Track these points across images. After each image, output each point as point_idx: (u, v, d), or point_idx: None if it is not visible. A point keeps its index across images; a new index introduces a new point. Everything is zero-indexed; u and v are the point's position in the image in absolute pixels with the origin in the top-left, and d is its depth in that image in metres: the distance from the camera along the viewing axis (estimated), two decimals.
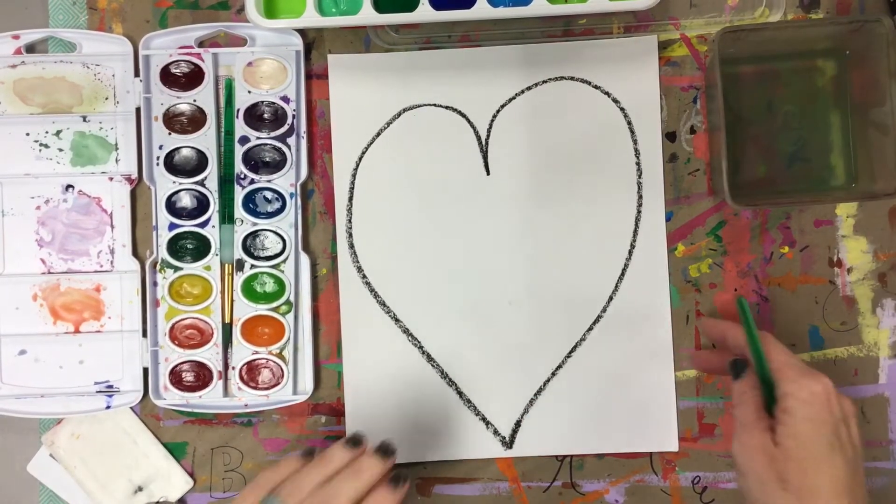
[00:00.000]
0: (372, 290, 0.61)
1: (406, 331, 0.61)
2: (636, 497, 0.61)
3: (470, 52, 0.61)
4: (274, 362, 0.61)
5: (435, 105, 0.61)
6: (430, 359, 0.61)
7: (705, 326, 0.57)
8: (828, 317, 0.61)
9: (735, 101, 0.60)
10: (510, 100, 0.61)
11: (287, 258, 0.61)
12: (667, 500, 0.61)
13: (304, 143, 0.61)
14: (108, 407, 0.61)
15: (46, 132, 0.61)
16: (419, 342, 0.61)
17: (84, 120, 0.61)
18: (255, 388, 0.61)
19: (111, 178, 0.61)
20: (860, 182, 0.59)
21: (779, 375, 0.51)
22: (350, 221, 0.61)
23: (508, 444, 0.61)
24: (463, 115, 0.61)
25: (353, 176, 0.61)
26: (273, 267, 0.61)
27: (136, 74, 0.61)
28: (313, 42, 0.62)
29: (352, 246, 0.61)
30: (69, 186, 0.61)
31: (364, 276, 0.61)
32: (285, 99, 0.60)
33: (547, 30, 0.61)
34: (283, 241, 0.60)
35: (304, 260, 0.61)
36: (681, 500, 0.61)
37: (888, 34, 0.55)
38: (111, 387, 0.61)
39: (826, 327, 0.61)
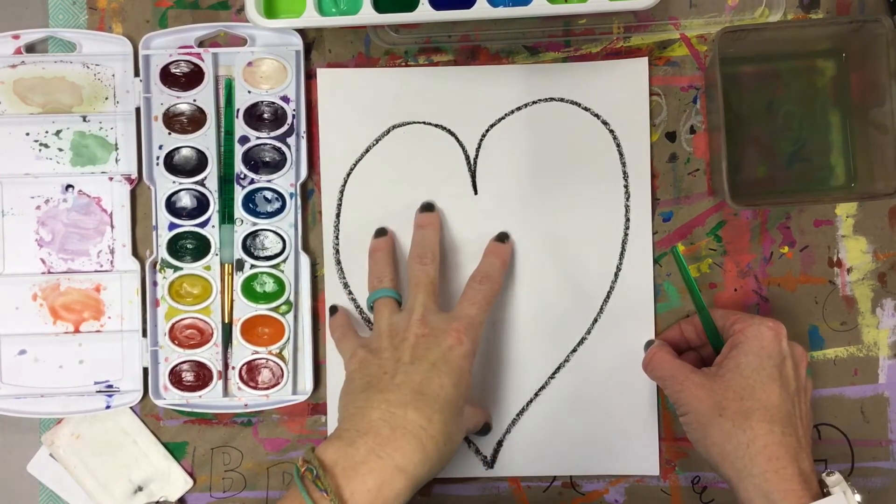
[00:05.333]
0: (358, 307, 0.61)
1: None
2: (636, 497, 0.61)
3: (461, 71, 0.61)
4: (274, 362, 0.61)
5: (425, 123, 0.61)
6: None
7: (663, 352, 0.57)
8: (827, 317, 0.61)
9: (735, 101, 0.60)
10: (499, 119, 0.61)
11: (287, 258, 0.61)
12: (666, 500, 0.61)
13: (303, 143, 0.61)
14: (107, 407, 0.61)
15: (46, 132, 0.61)
16: None
17: (84, 120, 0.61)
18: (254, 387, 0.61)
19: (111, 178, 0.61)
20: (860, 182, 0.59)
21: (731, 319, 0.54)
22: (337, 238, 0.61)
23: (490, 463, 0.61)
24: (452, 134, 0.61)
25: (342, 192, 0.61)
26: (273, 267, 0.61)
27: (136, 74, 0.61)
28: (313, 42, 0.62)
29: (339, 262, 0.61)
30: (69, 186, 0.61)
31: (350, 293, 0.61)
32: (285, 99, 0.60)
33: (547, 30, 0.61)
34: (283, 240, 0.60)
35: (304, 260, 0.61)
36: (680, 500, 0.61)
37: (888, 34, 0.55)
38: (111, 387, 0.61)
39: (826, 327, 0.61)
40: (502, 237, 0.60)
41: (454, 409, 0.52)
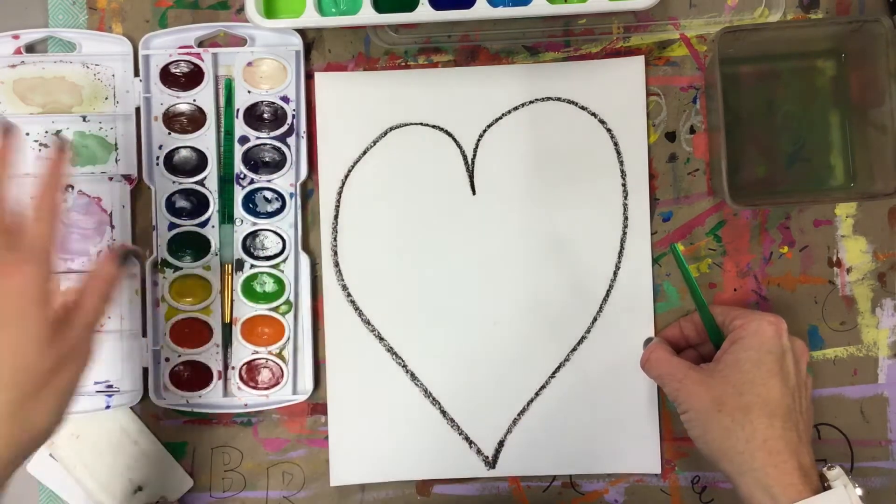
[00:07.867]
0: (356, 309, 0.61)
1: (390, 349, 0.61)
2: (635, 497, 0.61)
3: (457, 72, 0.61)
4: (273, 362, 0.61)
5: (422, 124, 0.61)
6: (413, 378, 0.61)
7: (660, 350, 0.56)
8: (827, 317, 0.61)
9: (735, 101, 0.60)
10: (496, 120, 0.61)
11: (287, 258, 0.61)
12: (666, 500, 0.61)
13: (303, 142, 0.61)
14: (107, 407, 0.61)
15: (46, 132, 0.61)
16: (403, 361, 0.61)
17: (84, 120, 0.61)
18: (254, 387, 0.61)
19: (111, 178, 0.61)
20: (859, 182, 0.59)
21: (731, 315, 0.54)
22: (335, 239, 0.61)
23: (491, 464, 0.61)
24: (449, 135, 0.61)
25: (339, 193, 0.61)
26: (273, 267, 0.61)
27: (136, 74, 0.61)
28: (313, 42, 0.62)
29: (336, 264, 0.61)
30: (69, 186, 0.61)
31: (349, 295, 0.61)
32: (285, 99, 0.61)
33: (547, 30, 0.61)
34: (283, 240, 0.61)
35: (304, 260, 0.61)
36: (680, 500, 0.61)
37: (887, 34, 0.55)
38: (111, 386, 0.61)
39: (825, 327, 0.61)
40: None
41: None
